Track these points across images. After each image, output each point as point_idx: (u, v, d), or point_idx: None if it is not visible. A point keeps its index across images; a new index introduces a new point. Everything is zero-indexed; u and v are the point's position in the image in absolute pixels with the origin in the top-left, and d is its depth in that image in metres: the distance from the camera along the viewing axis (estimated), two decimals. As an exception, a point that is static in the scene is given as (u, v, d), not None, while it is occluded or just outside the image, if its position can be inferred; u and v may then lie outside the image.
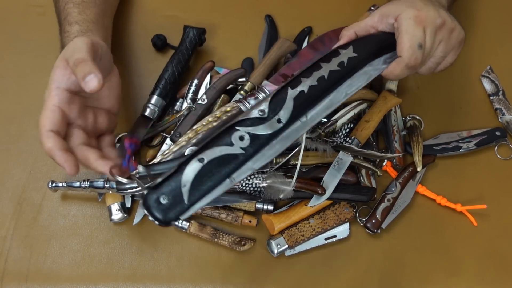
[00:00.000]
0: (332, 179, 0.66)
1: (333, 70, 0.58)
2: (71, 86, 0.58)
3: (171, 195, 0.49)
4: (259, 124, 0.54)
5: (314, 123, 0.57)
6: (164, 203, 0.49)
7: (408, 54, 0.58)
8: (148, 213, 0.49)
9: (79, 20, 0.66)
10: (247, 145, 0.53)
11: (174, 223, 0.52)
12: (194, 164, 0.50)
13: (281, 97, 0.56)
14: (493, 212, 0.70)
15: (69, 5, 0.68)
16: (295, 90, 0.56)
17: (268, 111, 0.55)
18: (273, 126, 0.54)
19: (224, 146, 0.52)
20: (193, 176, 0.50)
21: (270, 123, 0.54)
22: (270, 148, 0.54)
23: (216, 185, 0.51)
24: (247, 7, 0.84)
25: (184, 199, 0.49)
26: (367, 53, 0.61)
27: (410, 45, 0.58)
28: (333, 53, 0.60)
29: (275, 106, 0.55)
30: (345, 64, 0.59)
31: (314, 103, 0.57)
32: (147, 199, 0.49)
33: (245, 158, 0.52)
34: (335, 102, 0.58)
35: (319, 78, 0.58)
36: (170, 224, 0.52)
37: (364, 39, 0.63)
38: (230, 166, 0.52)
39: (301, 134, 0.56)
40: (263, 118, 0.54)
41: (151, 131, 0.71)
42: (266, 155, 0.54)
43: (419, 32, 0.58)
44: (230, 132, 0.53)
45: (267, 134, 0.54)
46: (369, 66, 0.61)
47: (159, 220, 0.49)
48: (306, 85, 0.57)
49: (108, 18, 0.74)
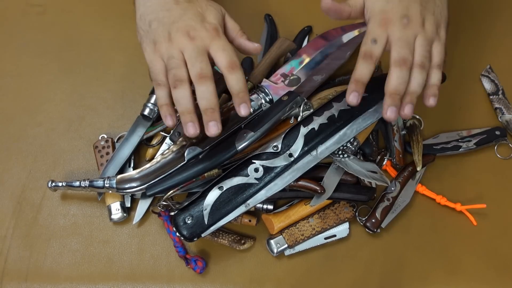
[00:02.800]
0: (332, 178, 0.66)
1: (343, 109, 0.64)
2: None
3: (195, 216, 0.60)
4: (273, 158, 0.62)
5: (324, 156, 0.63)
6: (189, 222, 0.60)
7: (363, 48, 0.58)
8: (176, 231, 0.60)
9: None
10: (261, 176, 0.61)
11: (195, 239, 0.60)
12: (214, 191, 0.60)
13: (293, 134, 0.62)
14: (493, 212, 0.70)
15: None
16: (307, 127, 0.63)
17: (281, 146, 0.62)
18: (285, 159, 0.62)
19: (240, 177, 0.61)
20: (213, 201, 0.60)
21: (283, 157, 0.62)
22: (282, 179, 0.61)
23: (232, 210, 0.60)
24: (246, 6, 0.84)
25: (205, 220, 0.59)
26: (377, 92, 0.63)
27: (364, 41, 0.58)
28: (344, 94, 0.61)
29: (288, 142, 0.63)
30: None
31: (324, 140, 0.63)
32: (176, 219, 0.60)
33: (259, 188, 0.61)
34: (345, 138, 0.64)
35: (330, 116, 0.64)
36: (193, 240, 0.60)
37: (374, 79, 0.64)
38: (246, 194, 0.60)
39: (311, 166, 0.62)
40: (276, 152, 0.62)
41: (150, 130, 0.71)
42: (279, 184, 0.61)
43: (380, 31, 0.58)
44: (247, 164, 0.61)
45: (280, 167, 0.61)
46: (379, 104, 0.64)
47: (184, 237, 0.60)
48: (317, 123, 0.63)
49: None
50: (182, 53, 0.57)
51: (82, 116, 0.75)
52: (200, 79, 0.55)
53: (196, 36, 0.57)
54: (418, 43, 0.59)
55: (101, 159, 0.70)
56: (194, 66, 0.56)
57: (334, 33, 0.76)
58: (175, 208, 0.63)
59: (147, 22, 0.60)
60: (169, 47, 0.57)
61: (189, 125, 0.56)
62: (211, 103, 0.55)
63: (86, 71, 0.78)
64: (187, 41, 0.57)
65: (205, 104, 0.55)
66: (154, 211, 0.67)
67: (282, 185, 0.61)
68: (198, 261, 0.64)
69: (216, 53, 0.57)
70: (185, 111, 0.56)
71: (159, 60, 0.58)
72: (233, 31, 0.62)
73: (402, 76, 0.57)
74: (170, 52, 0.57)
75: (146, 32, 0.60)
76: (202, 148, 0.65)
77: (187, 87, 0.56)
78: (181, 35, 0.57)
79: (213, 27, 0.58)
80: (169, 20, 0.58)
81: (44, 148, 0.73)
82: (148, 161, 0.68)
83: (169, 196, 0.63)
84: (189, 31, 0.57)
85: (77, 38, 0.81)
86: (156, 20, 0.59)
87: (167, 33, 0.58)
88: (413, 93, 0.58)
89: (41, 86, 0.77)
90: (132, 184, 0.64)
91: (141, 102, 0.72)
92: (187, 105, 0.56)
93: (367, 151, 0.70)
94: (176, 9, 0.59)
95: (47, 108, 0.75)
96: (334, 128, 0.64)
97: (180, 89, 0.56)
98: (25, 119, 0.75)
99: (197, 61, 0.56)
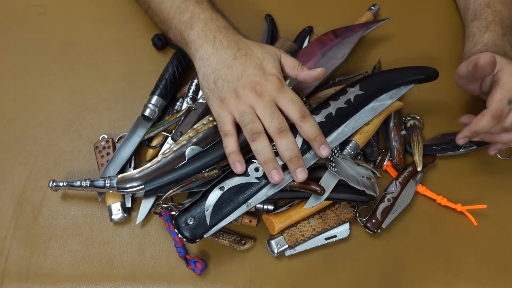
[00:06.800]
0: (331, 178, 0.66)
1: (340, 108, 0.65)
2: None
3: (197, 217, 0.60)
4: None
5: None
6: (190, 223, 0.59)
7: (497, 106, 0.61)
8: (178, 232, 0.59)
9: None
10: (261, 175, 0.61)
11: (198, 240, 0.60)
12: (216, 192, 0.60)
13: (293, 133, 0.61)
14: (493, 212, 0.70)
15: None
16: None
17: None
18: None
19: (241, 177, 0.61)
20: (215, 201, 0.60)
21: None
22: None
23: (234, 210, 0.60)
24: (247, 6, 0.84)
25: (207, 221, 0.59)
26: (373, 90, 0.66)
27: (500, 99, 0.61)
28: (341, 92, 0.66)
29: None
30: (351, 101, 0.65)
31: None
32: (178, 220, 0.60)
33: (260, 187, 0.61)
34: (342, 136, 0.65)
35: (327, 115, 0.64)
36: (195, 241, 0.60)
37: (371, 77, 0.68)
38: (247, 193, 0.60)
39: (311, 164, 0.62)
40: (276, 151, 0.60)
41: (151, 131, 0.71)
42: (279, 183, 0.60)
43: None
44: (247, 164, 0.61)
45: (279, 166, 0.60)
46: (375, 102, 0.67)
47: (186, 238, 0.59)
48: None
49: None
50: (252, 108, 0.60)
51: (82, 116, 0.75)
52: (280, 133, 0.59)
53: (263, 91, 0.60)
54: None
55: (101, 159, 0.70)
56: (272, 123, 0.59)
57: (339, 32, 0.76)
58: (176, 208, 0.62)
59: (212, 81, 0.62)
60: (239, 104, 0.60)
61: (273, 172, 0.59)
62: (294, 153, 0.59)
63: (87, 71, 0.78)
64: (256, 98, 0.60)
65: (290, 155, 0.59)
66: (155, 211, 0.67)
67: (282, 184, 0.61)
68: (197, 263, 0.64)
69: (287, 107, 0.60)
70: (268, 160, 0.59)
71: (227, 113, 0.61)
72: (294, 69, 0.64)
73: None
74: (240, 109, 0.60)
75: (212, 90, 0.62)
76: (202, 147, 0.65)
77: (265, 138, 0.59)
78: (248, 92, 0.60)
79: (275, 78, 0.61)
80: (232, 77, 0.61)
81: (45, 148, 0.73)
82: (148, 162, 0.68)
83: (168, 195, 0.63)
84: (255, 87, 0.60)
85: (77, 38, 0.81)
86: (219, 78, 0.62)
87: (233, 91, 0.61)
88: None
89: (42, 86, 0.77)
90: (133, 183, 0.65)
91: (142, 103, 0.72)
92: (268, 154, 0.59)
93: (368, 151, 0.70)
94: (235, 64, 0.62)
95: (48, 108, 0.75)
96: (332, 126, 0.64)
97: (259, 141, 0.59)
98: (25, 119, 0.75)
99: (273, 118, 0.59)
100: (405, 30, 0.83)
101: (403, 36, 0.83)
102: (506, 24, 0.73)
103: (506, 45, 0.70)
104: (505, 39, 0.70)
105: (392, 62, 0.79)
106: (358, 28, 0.77)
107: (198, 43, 0.64)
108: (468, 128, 0.64)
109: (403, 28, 0.83)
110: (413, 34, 0.83)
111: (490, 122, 0.62)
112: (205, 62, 0.63)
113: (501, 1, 0.75)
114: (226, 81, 0.61)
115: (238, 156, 0.60)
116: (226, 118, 0.61)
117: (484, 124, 0.62)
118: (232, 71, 0.61)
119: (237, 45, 0.63)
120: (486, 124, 0.62)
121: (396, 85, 0.67)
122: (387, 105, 0.67)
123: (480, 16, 0.74)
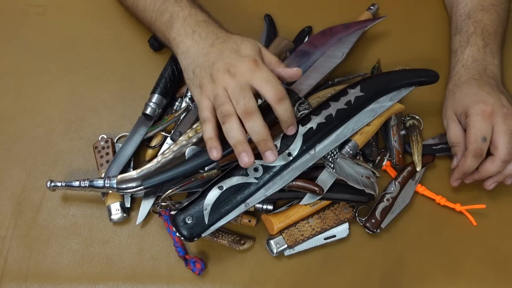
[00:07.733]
0: (328, 178, 0.66)
1: (340, 109, 0.65)
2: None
3: (195, 216, 0.59)
4: None
5: (322, 155, 0.63)
6: (189, 222, 0.59)
7: (474, 146, 0.64)
8: (176, 231, 0.59)
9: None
10: (260, 175, 0.61)
11: (196, 239, 0.60)
12: (214, 191, 0.60)
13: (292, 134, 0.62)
14: (493, 212, 0.70)
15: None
16: (305, 127, 0.63)
17: (280, 145, 0.62)
18: (284, 159, 0.62)
19: (240, 176, 0.61)
20: (213, 201, 0.60)
21: (282, 156, 0.62)
22: (281, 178, 0.62)
23: (232, 209, 0.60)
24: (246, 6, 0.84)
25: (205, 220, 0.59)
26: (374, 92, 0.66)
27: (475, 139, 0.64)
28: (341, 92, 0.66)
29: (286, 141, 0.62)
30: (352, 102, 0.65)
31: (322, 138, 0.64)
32: (176, 219, 0.60)
33: (258, 187, 0.61)
34: (342, 137, 0.65)
35: (327, 116, 0.64)
36: (193, 240, 0.60)
37: (371, 78, 0.68)
38: (245, 193, 0.60)
39: (310, 165, 0.62)
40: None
41: (151, 130, 0.71)
42: (278, 183, 0.61)
43: (486, 126, 0.64)
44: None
45: (278, 166, 0.61)
46: (375, 103, 0.67)
47: (184, 236, 0.59)
48: (315, 122, 0.64)
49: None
50: (226, 91, 0.58)
51: (81, 116, 0.75)
52: (246, 115, 0.57)
53: (236, 72, 0.58)
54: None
55: (100, 159, 0.70)
56: (239, 103, 0.57)
57: (335, 30, 0.76)
58: (175, 208, 0.62)
59: (191, 71, 0.62)
60: (214, 87, 0.59)
61: (243, 155, 0.56)
62: (262, 136, 0.57)
63: (86, 71, 0.78)
64: (229, 78, 0.58)
65: (257, 138, 0.57)
66: (154, 211, 0.67)
67: (281, 184, 0.61)
68: (196, 263, 0.64)
69: (261, 87, 0.58)
70: (237, 143, 0.57)
71: (205, 99, 0.60)
72: (270, 64, 0.62)
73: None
74: (215, 92, 0.59)
75: (192, 79, 0.62)
76: (202, 147, 0.65)
77: (235, 120, 0.57)
78: (222, 74, 0.59)
79: (251, 58, 0.59)
80: (209, 63, 0.60)
81: (44, 148, 0.73)
82: (147, 162, 0.68)
83: (168, 195, 0.63)
84: (229, 68, 0.59)
85: (77, 38, 0.81)
86: (197, 66, 0.61)
87: (209, 75, 0.60)
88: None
89: (41, 86, 0.77)
90: (132, 184, 0.65)
91: (141, 102, 0.72)
92: (237, 136, 0.57)
93: (367, 151, 0.70)
94: (213, 51, 0.61)
95: (47, 108, 0.75)
96: (332, 127, 0.64)
97: (228, 123, 0.57)
98: (25, 119, 0.75)
99: (240, 97, 0.57)
100: (404, 30, 0.83)
101: (402, 36, 0.83)
102: (488, 32, 0.73)
103: (487, 57, 0.71)
104: (486, 50, 0.72)
105: (391, 62, 0.79)
106: (354, 25, 0.77)
107: (178, 40, 0.64)
108: (457, 171, 0.67)
109: (402, 28, 0.83)
110: (412, 34, 0.83)
111: (473, 162, 0.65)
112: (185, 55, 0.63)
113: (481, 8, 0.75)
114: (203, 67, 0.60)
115: (215, 142, 0.58)
116: (205, 105, 0.60)
117: (469, 164, 0.65)
118: (208, 58, 0.61)
119: (216, 35, 0.63)
120: (471, 164, 0.65)
121: (397, 87, 0.67)
122: (387, 107, 0.67)
123: (461, 29, 0.75)
